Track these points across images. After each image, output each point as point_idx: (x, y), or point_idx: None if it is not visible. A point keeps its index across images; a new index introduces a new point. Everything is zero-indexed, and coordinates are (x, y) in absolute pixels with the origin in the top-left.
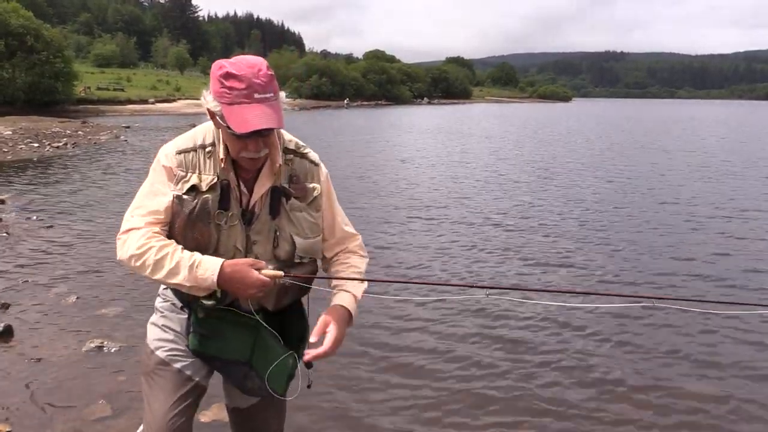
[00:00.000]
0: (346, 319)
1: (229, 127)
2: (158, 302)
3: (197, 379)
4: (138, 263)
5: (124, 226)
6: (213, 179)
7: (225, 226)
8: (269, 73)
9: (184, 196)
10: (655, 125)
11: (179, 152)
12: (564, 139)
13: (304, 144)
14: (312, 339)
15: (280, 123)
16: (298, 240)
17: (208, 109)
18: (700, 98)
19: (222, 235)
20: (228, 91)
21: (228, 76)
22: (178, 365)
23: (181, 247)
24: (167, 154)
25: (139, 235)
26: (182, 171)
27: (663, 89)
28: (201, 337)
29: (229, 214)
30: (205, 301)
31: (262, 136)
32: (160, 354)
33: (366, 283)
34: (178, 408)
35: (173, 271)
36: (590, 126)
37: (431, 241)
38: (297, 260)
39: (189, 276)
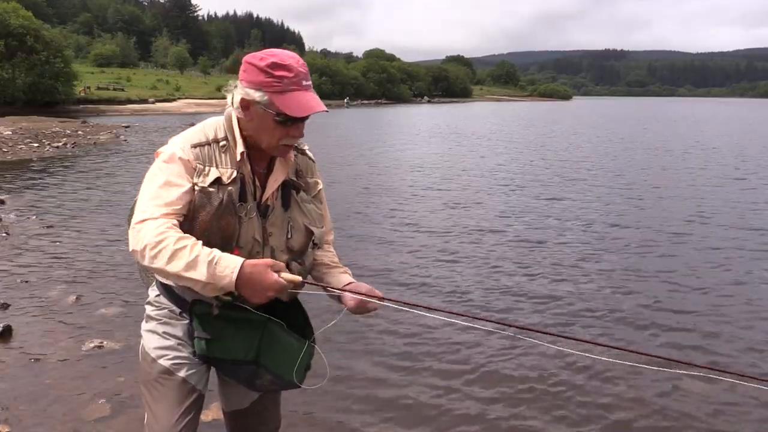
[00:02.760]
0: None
1: (278, 114)
2: (151, 310)
3: (200, 388)
4: (153, 252)
5: (138, 217)
6: (233, 172)
7: (245, 218)
8: (305, 63)
9: (210, 189)
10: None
11: (194, 146)
12: (569, 141)
13: (302, 142)
14: (351, 303)
15: (326, 109)
16: (314, 229)
17: (243, 100)
18: (700, 96)
19: (242, 227)
20: (277, 81)
21: (275, 66)
22: (182, 374)
23: (201, 242)
24: (182, 147)
25: (155, 225)
26: (200, 164)
27: (663, 87)
28: (207, 341)
29: (248, 206)
30: (224, 298)
31: (304, 122)
32: (164, 362)
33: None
34: (185, 420)
35: (191, 265)
36: (610, 127)
37: (430, 253)
38: (310, 249)
39: (207, 272)
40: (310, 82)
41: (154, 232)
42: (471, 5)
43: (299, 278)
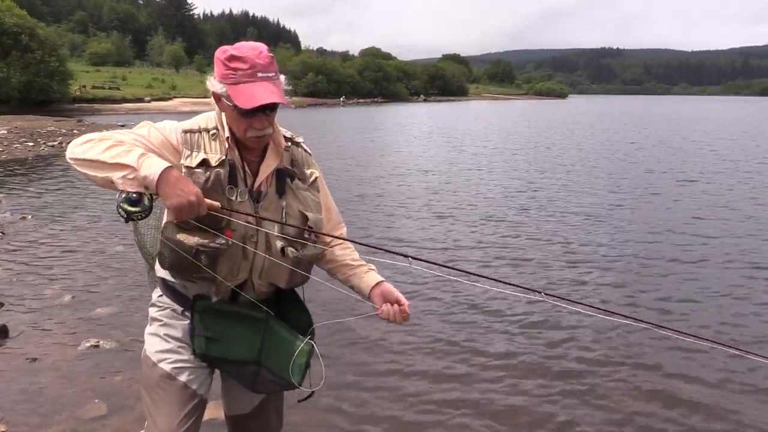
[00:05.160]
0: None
1: (236, 107)
2: (154, 312)
3: (201, 393)
4: (91, 144)
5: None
6: (221, 157)
7: (235, 201)
8: (270, 55)
9: (196, 169)
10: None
11: (185, 131)
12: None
13: (297, 134)
14: (378, 309)
15: (283, 99)
16: (309, 214)
17: (213, 93)
18: (696, 94)
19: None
20: (233, 72)
21: (232, 58)
22: (183, 378)
23: None
24: (173, 129)
25: (108, 134)
26: (188, 149)
27: (659, 85)
28: (206, 339)
29: (239, 190)
30: (129, 207)
31: (266, 113)
32: (165, 366)
33: None
34: (185, 426)
35: (122, 154)
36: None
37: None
38: (306, 235)
39: (137, 160)
40: (270, 74)
41: (103, 134)
42: (467, 3)
43: (218, 204)
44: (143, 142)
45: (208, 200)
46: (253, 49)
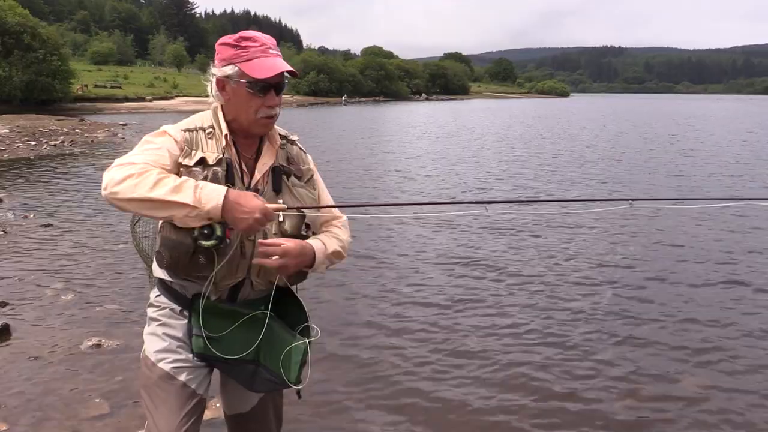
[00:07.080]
0: (307, 253)
1: (249, 84)
2: (152, 312)
3: (201, 392)
4: (136, 181)
5: (119, 161)
6: (218, 156)
7: None
8: (274, 39)
9: (195, 168)
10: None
11: (184, 130)
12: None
13: (291, 133)
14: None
15: (294, 71)
16: (305, 211)
17: (218, 80)
18: (698, 93)
19: None
20: (245, 51)
21: (242, 38)
22: (182, 377)
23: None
24: (173, 129)
25: (139, 166)
26: (187, 147)
27: (661, 84)
28: (205, 339)
29: (236, 189)
30: (204, 242)
31: (278, 91)
32: (164, 366)
33: (339, 246)
34: (186, 426)
35: (176, 189)
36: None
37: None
38: (303, 233)
39: (194, 195)
40: (278, 52)
41: (139, 167)
42: (469, 2)
43: (284, 206)
44: (161, 153)
45: (271, 204)
46: (258, 33)
